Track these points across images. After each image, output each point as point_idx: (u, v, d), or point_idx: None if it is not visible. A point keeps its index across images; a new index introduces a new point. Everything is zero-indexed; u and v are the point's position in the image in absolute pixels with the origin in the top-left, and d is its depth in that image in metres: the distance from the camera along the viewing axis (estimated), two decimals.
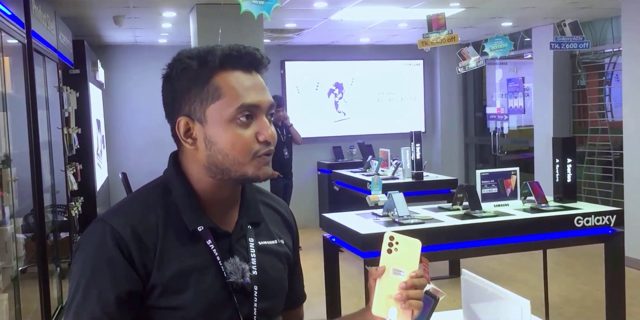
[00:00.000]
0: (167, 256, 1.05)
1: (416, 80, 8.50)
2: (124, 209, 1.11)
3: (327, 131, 8.08)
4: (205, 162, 1.09)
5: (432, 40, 5.42)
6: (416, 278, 1.11)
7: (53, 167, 4.14)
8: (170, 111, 1.11)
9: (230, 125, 1.06)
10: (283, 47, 7.88)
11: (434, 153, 8.68)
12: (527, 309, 1.43)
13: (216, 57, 1.07)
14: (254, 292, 1.11)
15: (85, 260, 1.05)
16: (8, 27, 3.06)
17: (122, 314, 1.02)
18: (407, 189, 5.62)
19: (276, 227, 1.23)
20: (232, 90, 1.06)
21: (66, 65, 5.19)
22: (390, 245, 1.13)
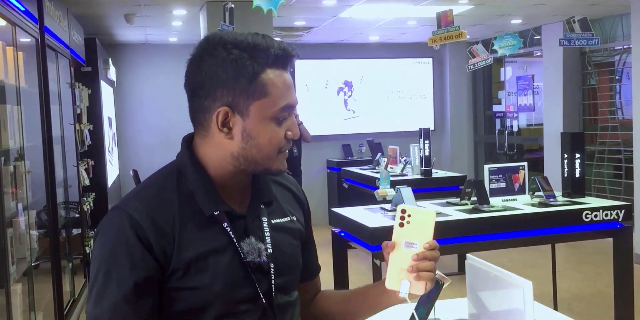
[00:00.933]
0: (186, 240, 1.08)
1: (425, 78, 8.51)
2: (141, 196, 1.14)
3: (336, 129, 8.11)
4: (237, 153, 1.12)
5: (441, 36, 5.45)
6: (429, 250, 1.12)
7: (65, 162, 4.19)
8: (204, 95, 1.10)
9: (270, 123, 1.10)
10: (292, 45, 7.91)
11: (444, 151, 8.68)
12: (529, 290, 1.45)
13: (269, 56, 1.08)
14: (270, 270, 1.15)
15: (105, 247, 1.08)
16: (22, 22, 3.12)
17: (141, 299, 1.06)
18: (416, 185, 5.61)
19: (288, 204, 1.27)
20: (276, 90, 1.09)
21: (78, 62, 5.26)
22: (402, 219, 1.13)
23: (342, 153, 8.14)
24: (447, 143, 8.71)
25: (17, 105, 3.04)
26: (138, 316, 1.06)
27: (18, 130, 3.09)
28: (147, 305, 1.07)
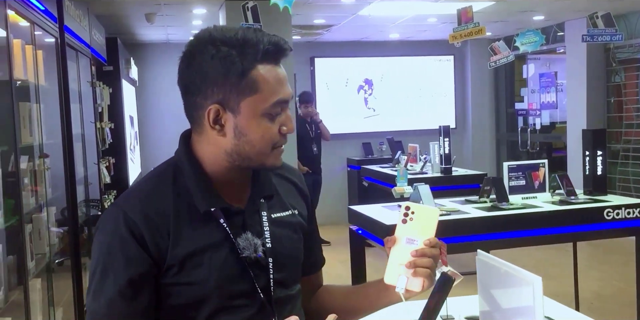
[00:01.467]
0: (181, 236, 1.09)
1: (446, 76, 8.45)
2: (137, 192, 1.15)
3: (357, 127, 8.10)
4: (230, 149, 1.11)
5: (461, 33, 5.40)
6: (429, 247, 1.12)
7: (86, 160, 4.25)
8: (196, 92, 1.10)
9: (262, 119, 1.09)
10: (313, 44, 7.92)
11: (465, 149, 8.61)
12: (539, 286, 1.43)
13: (258, 51, 1.07)
14: (269, 265, 1.14)
15: (101, 245, 1.10)
16: (41, 21, 3.16)
17: (136, 295, 1.07)
18: (436, 183, 5.59)
19: (290, 198, 1.26)
20: (267, 85, 1.08)
21: (100, 61, 5.32)
22: (405, 215, 1.14)
23: (362, 151, 8.11)
24: (468, 141, 8.64)
25: (37, 103, 3.09)
26: (134, 311, 1.07)
27: (37, 127, 3.14)
28: (143, 301, 1.08)
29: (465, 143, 8.65)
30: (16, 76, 2.79)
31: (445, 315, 2.07)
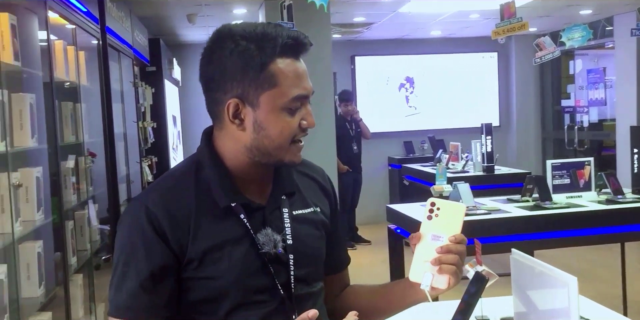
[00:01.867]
0: (201, 231, 1.09)
1: (490, 73, 8.30)
2: (159, 187, 1.15)
3: (398, 126, 8.03)
4: (249, 144, 1.11)
5: (504, 29, 5.29)
6: (454, 244, 1.10)
7: (128, 158, 4.33)
8: (216, 87, 1.11)
9: (281, 113, 1.09)
10: (353, 42, 7.89)
11: (509, 148, 8.44)
12: (574, 286, 1.38)
13: (276, 45, 1.07)
14: (289, 261, 1.14)
15: (123, 238, 1.11)
16: (83, 23, 3.24)
17: (157, 287, 1.08)
18: (477, 182, 5.50)
19: (312, 195, 1.25)
20: (286, 80, 1.08)
21: (143, 62, 5.42)
22: (430, 212, 1.13)
23: (403, 150, 8.04)
24: (512, 139, 8.46)
25: (78, 102, 3.16)
26: (155, 303, 1.08)
27: (80, 126, 3.21)
28: (164, 293, 1.09)
29: (509, 141, 8.48)
30: (58, 77, 2.86)
31: (480, 316, 2.02)
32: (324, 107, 5.32)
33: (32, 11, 2.52)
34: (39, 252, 2.47)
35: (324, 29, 5.36)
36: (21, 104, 2.41)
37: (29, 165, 2.47)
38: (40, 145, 2.53)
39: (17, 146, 2.41)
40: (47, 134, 2.57)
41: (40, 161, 2.54)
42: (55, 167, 2.58)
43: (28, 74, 2.49)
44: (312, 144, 5.54)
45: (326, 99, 5.37)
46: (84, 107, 3.32)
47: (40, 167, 2.51)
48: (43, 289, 2.49)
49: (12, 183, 2.16)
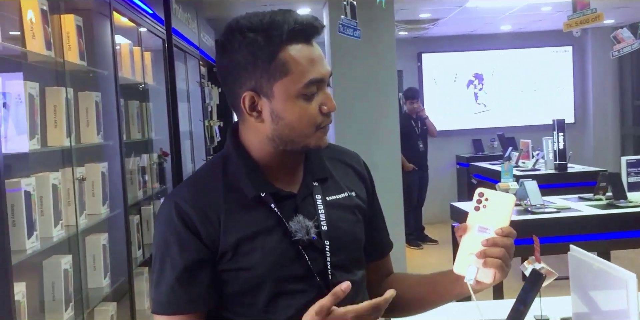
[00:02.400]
0: (231, 223, 1.10)
1: (565, 67, 7.99)
2: (189, 184, 1.18)
3: (466, 124, 7.85)
4: (270, 134, 1.11)
5: (576, 21, 5.08)
6: (501, 236, 1.06)
7: (194, 156, 4.44)
8: (231, 82, 1.11)
9: (297, 100, 1.08)
10: (420, 39, 7.79)
11: (586, 146, 8.09)
12: (633, 282, 1.30)
13: (283, 33, 1.06)
14: (325, 248, 1.12)
15: (159, 235, 1.13)
16: (149, 24, 3.34)
17: (194, 281, 1.09)
18: (549, 180, 5.32)
19: (347, 180, 1.23)
20: (298, 66, 1.07)
21: (210, 62, 5.55)
22: (478, 202, 1.09)
23: (472, 148, 7.87)
24: (589, 136, 8.11)
25: (144, 101, 3.27)
26: (194, 297, 1.10)
27: (146, 125, 3.33)
28: (202, 287, 1.10)
29: (585, 139, 8.13)
30: (124, 76, 2.97)
31: (539, 316, 1.94)
32: (387, 105, 5.27)
33: (99, 13, 2.62)
34: (104, 244, 2.57)
35: (388, 27, 5.31)
36: (87, 102, 2.52)
37: (95, 160, 2.57)
38: (105, 142, 2.63)
39: (84, 142, 2.52)
40: (113, 131, 2.66)
41: (105, 157, 2.64)
42: (121, 163, 2.67)
43: (94, 73, 2.60)
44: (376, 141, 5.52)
45: (390, 97, 5.32)
46: (150, 106, 3.43)
47: (106, 163, 2.62)
48: (108, 280, 2.58)
49: (77, 177, 2.25)
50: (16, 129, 1.93)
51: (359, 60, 5.20)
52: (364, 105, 5.21)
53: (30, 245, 1.89)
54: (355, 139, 5.20)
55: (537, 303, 1.87)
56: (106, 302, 2.57)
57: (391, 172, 5.26)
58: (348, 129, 5.23)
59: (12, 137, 1.90)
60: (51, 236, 2.06)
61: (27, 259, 1.93)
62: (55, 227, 2.08)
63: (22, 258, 1.86)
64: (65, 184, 2.20)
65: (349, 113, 5.21)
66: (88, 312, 2.36)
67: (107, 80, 2.64)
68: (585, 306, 1.56)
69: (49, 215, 2.05)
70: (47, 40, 2.11)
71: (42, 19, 2.07)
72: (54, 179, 2.09)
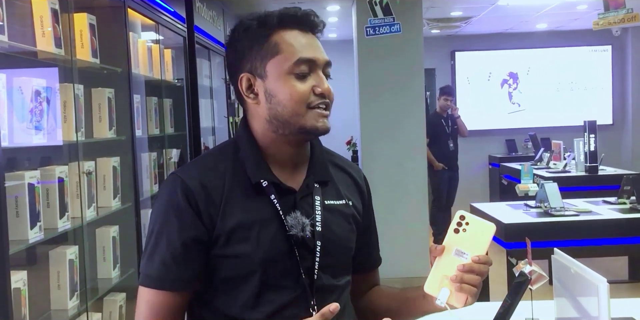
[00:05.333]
0: (232, 208, 1.11)
1: (603, 67, 7.79)
2: (197, 164, 1.20)
3: (500, 123, 7.74)
4: (267, 115, 1.13)
5: (609, 20, 4.95)
6: (478, 263, 1.06)
7: None
8: (233, 72, 1.16)
9: (288, 78, 1.11)
10: (453, 37, 7.70)
11: (623, 148, 7.87)
12: (604, 287, 1.28)
13: (274, 17, 1.12)
14: (316, 247, 1.14)
15: (159, 210, 1.14)
16: (168, 22, 3.41)
17: (188, 259, 1.11)
18: (578, 183, 5.22)
19: (346, 189, 1.25)
20: (289, 46, 1.11)
21: None
22: (459, 225, 1.08)
23: (505, 148, 7.75)
24: (627, 138, 7.88)
25: (162, 97, 3.34)
26: (185, 276, 1.11)
27: (165, 120, 3.40)
28: (194, 267, 1.11)
29: (623, 140, 7.91)
30: (142, 73, 3.04)
31: (530, 318, 1.92)
32: (414, 103, 5.24)
33: (114, 11, 2.69)
34: (114, 237, 2.64)
35: (416, 24, 5.27)
36: (100, 98, 2.59)
37: (108, 155, 2.65)
38: (118, 137, 2.70)
39: (96, 137, 2.59)
40: (126, 126, 2.73)
41: (118, 151, 2.71)
42: (132, 158, 2.74)
43: (107, 70, 2.67)
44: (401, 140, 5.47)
45: (417, 95, 5.28)
46: (169, 102, 3.50)
47: (118, 157, 2.69)
48: (118, 271, 2.66)
49: (83, 171, 2.32)
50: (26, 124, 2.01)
51: (386, 58, 5.18)
52: (390, 104, 5.19)
53: (32, 236, 1.96)
54: (380, 137, 5.19)
55: (529, 306, 1.85)
56: (115, 293, 2.64)
57: (416, 171, 5.23)
58: (374, 127, 5.22)
59: (19, 131, 1.99)
60: (56, 227, 2.13)
61: (30, 248, 2.00)
62: (60, 218, 2.16)
63: (23, 247, 1.93)
64: (72, 177, 2.27)
65: (375, 111, 5.20)
66: (95, 301, 2.44)
67: (122, 77, 2.71)
68: (566, 311, 1.54)
69: (54, 207, 2.12)
70: (57, 38, 2.18)
71: (52, 18, 2.15)
72: (60, 172, 2.16)
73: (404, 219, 4.95)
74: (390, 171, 5.19)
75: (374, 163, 5.22)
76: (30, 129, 2.04)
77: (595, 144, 5.27)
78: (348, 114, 6.29)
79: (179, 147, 3.66)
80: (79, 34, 2.40)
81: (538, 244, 3.01)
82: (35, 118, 2.05)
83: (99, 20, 2.55)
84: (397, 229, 4.80)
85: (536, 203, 3.79)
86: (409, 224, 4.98)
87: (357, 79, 5.40)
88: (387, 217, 5.17)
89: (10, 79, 1.94)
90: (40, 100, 2.08)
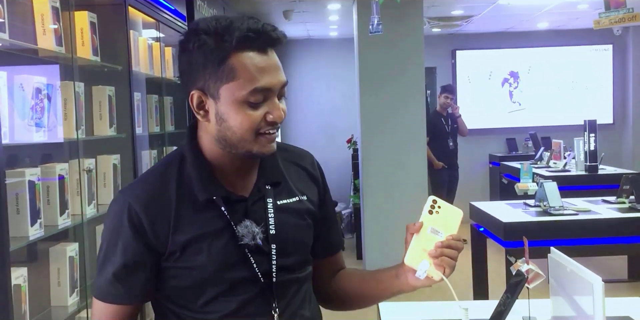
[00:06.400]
0: (182, 223, 1.12)
1: (604, 67, 7.78)
2: (142, 182, 1.19)
3: (500, 122, 7.74)
4: (215, 135, 1.12)
5: (610, 19, 4.95)
6: (455, 240, 1.16)
7: None
8: (185, 81, 1.13)
9: (242, 106, 1.09)
10: (454, 36, 7.70)
11: (624, 147, 7.87)
12: (599, 286, 1.29)
13: (233, 38, 1.06)
14: (271, 251, 1.16)
15: (107, 227, 1.17)
16: (168, 20, 3.42)
17: (129, 279, 1.14)
18: (578, 182, 5.23)
19: (300, 183, 1.25)
20: (246, 73, 1.07)
21: None
22: (432, 208, 1.19)
23: (506, 147, 7.75)
24: (628, 138, 7.88)
25: (162, 95, 3.35)
26: (128, 292, 1.15)
27: (165, 118, 3.41)
28: (136, 285, 1.14)
29: (624, 140, 7.91)
30: (142, 71, 3.06)
31: (527, 317, 1.93)
32: (414, 102, 5.25)
33: (114, 9, 2.70)
34: None
35: (416, 24, 5.28)
36: (101, 95, 2.60)
37: (108, 152, 2.66)
38: (118, 135, 2.71)
39: (97, 135, 2.60)
40: (126, 124, 2.75)
41: (118, 149, 2.72)
42: (133, 155, 2.75)
43: (108, 68, 2.68)
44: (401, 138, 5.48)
45: (417, 95, 5.29)
46: (169, 100, 3.51)
47: (118, 155, 2.70)
48: None
49: (83, 169, 2.34)
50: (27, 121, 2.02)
51: (387, 57, 5.19)
52: (391, 103, 5.20)
53: (33, 232, 1.98)
54: (381, 136, 5.20)
55: (526, 304, 1.86)
56: None
57: (416, 170, 5.24)
58: (374, 125, 5.23)
59: (20, 128, 2.00)
60: (56, 224, 2.14)
61: (31, 245, 2.01)
62: (61, 215, 2.17)
63: (24, 244, 1.94)
64: (73, 174, 2.28)
65: (376, 110, 5.21)
66: None
67: (122, 75, 2.72)
68: (563, 309, 1.55)
69: (55, 204, 2.13)
70: (58, 37, 2.19)
71: (53, 16, 2.16)
72: (60, 169, 2.17)
73: (403, 217, 4.95)
74: (390, 170, 5.20)
75: (374, 161, 5.23)
76: (31, 126, 2.05)
77: (596, 143, 5.28)
78: (349, 113, 6.33)
79: (179, 145, 3.66)
80: (80, 32, 2.41)
81: (537, 243, 3.01)
82: (36, 115, 2.07)
83: (100, 18, 2.56)
84: (396, 227, 4.79)
85: (535, 202, 3.79)
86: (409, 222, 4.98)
87: (357, 78, 5.41)
88: (386, 215, 5.18)
89: (11, 76, 1.96)
90: (41, 97, 2.09)
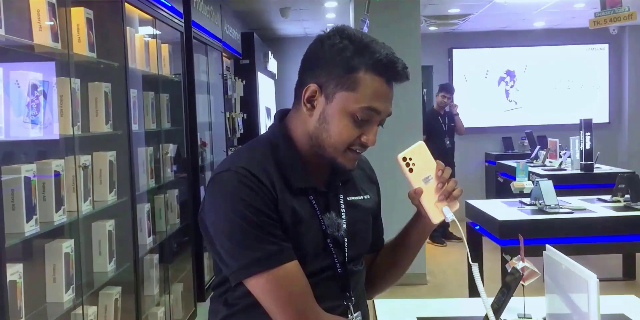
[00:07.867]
0: (284, 203, 1.17)
1: (600, 66, 7.81)
2: (246, 157, 1.20)
3: (497, 121, 7.77)
4: (311, 131, 1.19)
5: (606, 18, 4.96)
6: (442, 173, 1.21)
7: (213, 146, 4.52)
8: (308, 68, 1.19)
9: (347, 117, 1.16)
10: (450, 35, 7.71)
11: (620, 146, 7.90)
12: (594, 283, 1.29)
13: (371, 58, 1.15)
14: (345, 243, 1.25)
15: (229, 205, 1.13)
16: (165, 17, 3.41)
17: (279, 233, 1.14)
18: (574, 181, 5.24)
19: (362, 183, 1.35)
20: (367, 90, 1.15)
21: (235, 55, 5.61)
22: (407, 165, 1.22)
23: (502, 146, 7.77)
24: (624, 137, 7.91)
25: (159, 92, 3.34)
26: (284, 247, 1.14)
27: (161, 115, 3.40)
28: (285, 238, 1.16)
29: (620, 139, 7.93)
30: (138, 68, 3.05)
31: (522, 314, 1.93)
32: (410, 101, 5.25)
33: (111, 6, 2.69)
34: (110, 230, 2.65)
35: (413, 22, 5.27)
36: (97, 92, 2.60)
37: (104, 149, 2.65)
38: (115, 131, 2.71)
39: (93, 131, 2.60)
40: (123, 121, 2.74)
41: (115, 146, 2.71)
42: (129, 152, 2.74)
43: (104, 64, 2.67)
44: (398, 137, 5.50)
45: (414, 93, 5.29)
46: (166, 97, 3.51)
47: (114, 152, 2.69)
48: (113, 265, 2.67)
49: (79, 165, 2.33)
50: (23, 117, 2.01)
51: None
52: None
53: (28, 229, 1.97)
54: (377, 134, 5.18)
55: (521, 302, 1.86)
56: (111, 286, 2.65)
57: None
58: None
59: (16, 125, 1.99)
60: (52, 221, 2.13)
61: (26, 241, 2.01)
62: (56, 212, 2.16)
63: (20, 240, 1.94)
64: (69, 171, 2.28)
65: None
66: (91, 295, 2.45)
67: (118, 72, 2.72)
68: (558, 307, 1.55)
69: (51, 200, 2.12)
70: (54, 33, 2.18)
71: (49, 12, 2.15)
72: (56, 166, 2.17)
73: (400, 215, 4.95)
74: (386, 168, 5.17)
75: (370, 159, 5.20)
76: (27, 122, 2.04)
77: (591, 142, 5.29)
78: None
79: (175, 142, 3.66)
80: (76, 28, 2.40)
81: (532, 241, 3.01)
82: (31, 112, 2.06)
83: (96, 14, 2.55)
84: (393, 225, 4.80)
85: (531, 200, 3.80)
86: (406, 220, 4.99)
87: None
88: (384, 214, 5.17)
89: (7, 72, 1.95)
90: (37, 94, 2.08)
